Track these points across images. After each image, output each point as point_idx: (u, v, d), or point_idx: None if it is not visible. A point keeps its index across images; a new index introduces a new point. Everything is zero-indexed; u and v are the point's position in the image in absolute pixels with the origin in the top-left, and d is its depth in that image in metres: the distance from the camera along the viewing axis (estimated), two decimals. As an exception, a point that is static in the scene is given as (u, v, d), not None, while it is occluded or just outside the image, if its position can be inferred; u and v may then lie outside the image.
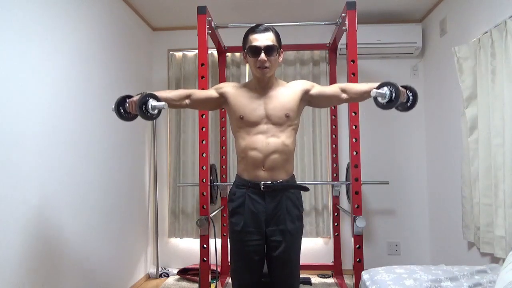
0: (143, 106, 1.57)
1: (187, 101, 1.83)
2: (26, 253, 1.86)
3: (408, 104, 1.67)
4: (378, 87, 1.64)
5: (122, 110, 1.64)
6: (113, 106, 1.63)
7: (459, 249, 2.82)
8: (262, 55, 1.70)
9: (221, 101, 1.86)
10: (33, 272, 1.90)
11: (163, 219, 3.63)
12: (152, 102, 1.59)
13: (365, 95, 1.78)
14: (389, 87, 1.59)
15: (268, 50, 1.71)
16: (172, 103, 1.78)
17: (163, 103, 1.61)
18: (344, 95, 1.83)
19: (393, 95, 1.57)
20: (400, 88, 1.58)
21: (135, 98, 1.60)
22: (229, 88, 1.85)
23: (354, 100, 1.88)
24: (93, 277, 2.50)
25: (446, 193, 3.09)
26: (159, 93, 1.69)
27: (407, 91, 1.65)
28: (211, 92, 1.87)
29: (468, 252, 2.70)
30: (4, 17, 1.76)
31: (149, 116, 1.61)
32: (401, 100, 1.60)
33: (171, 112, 3.60)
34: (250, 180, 1.78)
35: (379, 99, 1.61)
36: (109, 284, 2.75)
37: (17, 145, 1.81)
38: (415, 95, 1.66)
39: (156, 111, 1.61)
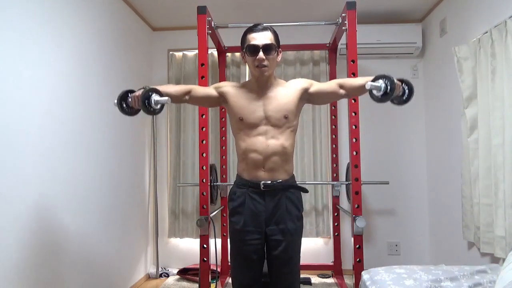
0: (146, 101, 1.56)
1: (186, 96, 1.84)
2: (25, 253, 1.86)
3: (404, 97, 1.66)
4: (373, 80, 1.63)
5: (124, 105, 1.64)
6: (116, 101, 1.62)
7: (459, 249, 2.82)
8: (261, 54, 1.71)
9: (220, 100, 1.87)
10: (32, 272, 1.90)
11: (163, 219, 3.63)
12: (155, 97, 1.58)
13: (362, 88, 1.72)
14: (384, 79, 1.57)
15: (266, 48, 1.72)
16: (173, 98, 1.76)
17: (166, 98, 1.60)
18: (342, 91, 1.83)
19: (388, 88, 1.56)
20: (395, 81, 1.57)
21: (138, 93, 1.60)
22: (228, 88, 1.86)
23: (353, 95, 1.88)
24: (93, 277, 2.50)
25: (446, 193, 3.09)
26: (161, 88, 1.69)
27: (403, 84, 1.65)
28: (211, 91, 1.87)
29: (468, 252, 2.70)
30: (4, 16, 1.76)
31: (151, 111, 1.60)
32: (396, 93, 1.59)
33: (171, 112, 3.60)
34: (250, 180, 1.79)
35: (374, 92, 1.60)
36: (109, 284, 2.75)
37: (17, 145, 1.81)
38: (411, 89, 1.65)
39: (159, 106, 1.61)
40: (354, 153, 2.47)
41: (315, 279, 3.35)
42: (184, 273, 3.41)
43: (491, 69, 2.26)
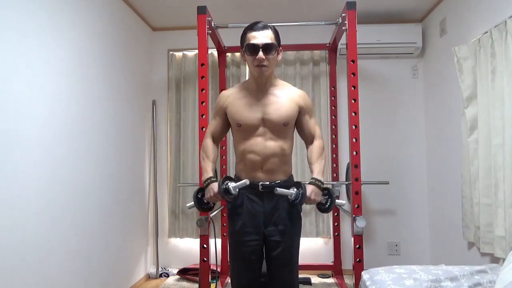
0: (228, 193, 1.69)
1: (216, 143, 1.91)
2: (26, 253, 1.86)
3: (326, 206, 1.78)
4: (292, 185, 1.73)
5: (204, 206, 1.84)
6: (191, 205, 1.86)
7: (459, 249, 2.82)
8: (260, 54, 1.69)
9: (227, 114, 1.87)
10: (32, 272, 1.90)
11: (163, 219, 3.63)
12: (232, 185, 1.70)
13: (309, 166, 1.84)
14: (299, 190, 1.68)
15: (267, 48, 1.70)
16: (217, 156, 1.89)
17: (244, 180, 1.69)
18: (308, 145, 1.88)
19: (297, 199, 1.67)
20: (309, 195, 1.67)
21: (212, 193, 1.72)
22: (227, 101, 1.84)
23: (307, 157, 1.90)
24: (93, 277, 2.50)
25: (446, 193, 3.09)
26: (209, 165, 1.82)
27: (326, 196, 1.75)
28: (218, 120, 1.89)
29: (468, 252, 2.70)
30: (4, 17, 1.76)
31: (234, 198, 1.73)
32: (311, 203, 1.73)
33: (171, 112, 3.60)
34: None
35: (288, 196, 1.70)
36: (109, 284, 2.75)
37: (17, 145, 1.81)
38: (331, 202, 1.76)
39: (237, 189, 1.71)
40: (354, 153, 2.46)
41: (315, 279, 3.35)
42: (184, 273, 3.41)
43: (491, 69, 2.26)
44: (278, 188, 1.68)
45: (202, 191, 1.81)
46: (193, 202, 1.85)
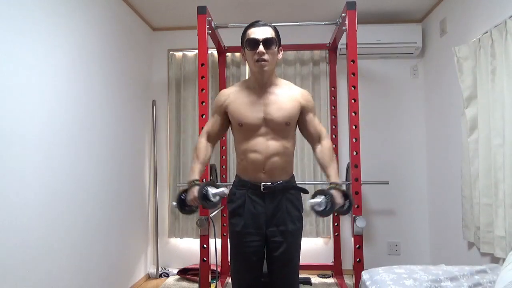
0: (206, 199, 1.64)
1: (210, 143, 1.89)
2: (26, 253, 1.86)
3: (343, 209, 1.76)
4: (314, 195, 1.69)
5: (186, 207, 1.75)
6: (175, 204, 1.76)
7: (459, 249, 2.82)
8: (261, 47, 1.67)
9: (227, 114, 1.85)
10: (33, 272, 1.90)
11: (163, 219, 3.63)
12: (211, 191, 1.65)
13: (322, 169, 1.84)
14: (326, 197, 1.64)
15: (267, 42, 1.69)
16: (209, 157, 1.87)
17: (223, 189, 1.67)
18: (316, 145, 1.85)
19: (327, 207, 1.63)
20: (336, 200, 1.65)
21: (193, 195, 1.67)
22: (227, 100, 1.82)
23: (316, 158, 1.88)
24: (93, 277, 2.50)
25: (446, 193, 3.09)
26: (197, 166, 1.78)
27: (345, 200, 1.73)
28: (217, 118, 1.87)
29: (468, 252, 2.70)
30: (5, 17, 1.76)
31: (213, 205, 1.68)
32: (336, 208, 1.69)
33: (171, 112, 3.60)
34: (250, 181, 1.78)
35: (315, 207, 1.66)
36: (109, 284, 2.75)
37: (17, 146, 1.81)
38: (350, 205, 1.75)
39: (218, 197, 1.67)
40: (354, 153, 2.47)
41: (315, 279, 3.35)
42: (184, 273, 3.41)
43: (491, 69, 2.26)
44: (310, 200, 1.66)
45: (186, 193, 1.75)
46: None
